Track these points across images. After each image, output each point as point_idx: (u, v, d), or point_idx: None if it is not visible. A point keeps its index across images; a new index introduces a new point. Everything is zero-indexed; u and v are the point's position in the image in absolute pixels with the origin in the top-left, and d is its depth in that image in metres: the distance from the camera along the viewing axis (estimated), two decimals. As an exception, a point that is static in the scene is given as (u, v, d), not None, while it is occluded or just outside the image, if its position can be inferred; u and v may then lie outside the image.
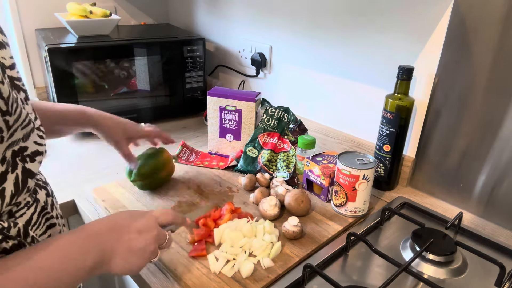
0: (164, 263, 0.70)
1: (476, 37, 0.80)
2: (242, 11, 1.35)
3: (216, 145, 1.10)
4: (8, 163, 0.44)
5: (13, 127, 0.43)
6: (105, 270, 0.50)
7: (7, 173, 0.44)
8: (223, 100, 1.04)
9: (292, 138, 1.01)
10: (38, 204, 0.53)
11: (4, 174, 0.44)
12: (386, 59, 0.99)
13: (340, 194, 0.83)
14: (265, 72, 1.35)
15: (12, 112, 0.42)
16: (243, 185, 0.93)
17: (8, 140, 0.43)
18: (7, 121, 0.42)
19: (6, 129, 0.42)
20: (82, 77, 1.15)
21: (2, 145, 0.42)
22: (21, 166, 0.47)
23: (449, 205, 0.93)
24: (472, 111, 0.84)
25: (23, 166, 0.47)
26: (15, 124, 0.43)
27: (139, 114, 1.28)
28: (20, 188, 0.47)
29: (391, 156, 0.93)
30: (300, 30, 1.18)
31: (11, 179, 0.45)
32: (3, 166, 0.43)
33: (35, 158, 0.49)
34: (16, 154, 0.46)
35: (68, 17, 1.25)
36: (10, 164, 0.45)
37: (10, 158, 0.45)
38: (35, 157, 0.49)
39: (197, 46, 1.31)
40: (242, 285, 0.65)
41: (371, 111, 1.07)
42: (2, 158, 0.43)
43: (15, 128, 0.44)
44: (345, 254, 0.75)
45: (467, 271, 0.71)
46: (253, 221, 0.79)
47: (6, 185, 0.44)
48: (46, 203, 0.55)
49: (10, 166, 0.45)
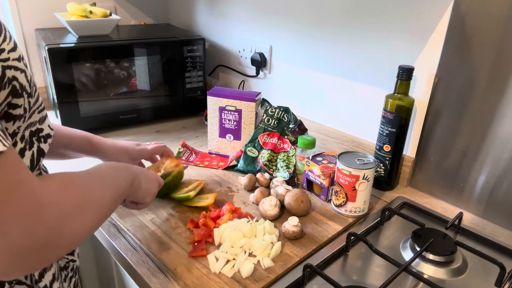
0: (164, 263, 0.70)
1: (476, 37, 0.80)
2: (242, 11, 1.35)
3: (216, 145, 1.10)
4: (26, 142, 0.49)
5: (32, 108, 0.48)
6: (136, 187, 0.65)
7: (25, 150, 0.49)
8: (223, 100, 1.04)
9: (292, 138, 1.01)
10: None
11: (23, 150, 0.49)
12: (386, 59, 0.99)
13: (340, 194, 0.83)
14: (265, 72, 1.35)
15: (33, 94, 0.48)
16: (243, 185, 0.93)
17: (27, 121, 0.48)
18: (29, 102, 0.47)
19: (28, 110, 0.47)
20: (82, 77, 1.15)
21: (24, 125, 0.47)
22: (37, 145, 0.52)
23: (449, 205, 0.93)
24: (472, 111, 0.84)
25: (38, 145, 0.52)
26: (33, 106, 0.49)
27: (139, 114, 1.29)
28: (34, 165, 0.51)
29: (391, 156, 0.93)
30: (300, 30, 1.18)
31: (28, 156, 0.50)
32: (22, 143, 0.48)
33: (47, 140, 0.55)
34: (33, 134, 0.51)
35: (68, 17, 1.24)
36: (28, 143, 0.50)
37: (28, 137, 0.49)
38: (47, 139, 0.54)
39: (197, 46, 1.31)
40: (242, 285, 0.65)
41: (371, 111, 1.07)
42: (22, 136, 0.48)
43: (33, 110, 0.49)
44: (345, 254, 0.75)
45: (467, 271, 0.71)
46: (253, 221, 0.79)
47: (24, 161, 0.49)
48: None
49: (28, 144, 0.50)
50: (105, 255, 0.96)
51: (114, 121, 1.25)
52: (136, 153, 0.87)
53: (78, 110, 1.17)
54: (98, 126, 1.22)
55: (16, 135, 0.47)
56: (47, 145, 0.54)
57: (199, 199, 0.86)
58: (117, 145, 0.85)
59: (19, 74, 0.44)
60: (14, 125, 0.45)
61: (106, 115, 1.23)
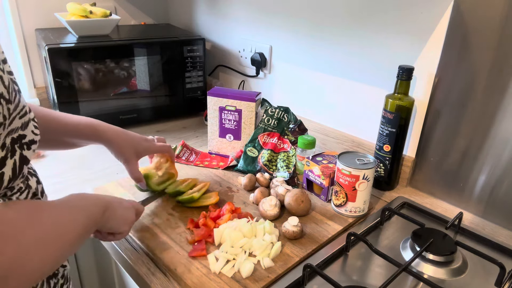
0: (164, 263, 0.70)
1: (476, 37, 0.80)
2: (242, 11, 1.35)
3: (216, 145, 1.10)
4: (7, 150, 0.47)
5: (12, 115, 0.46)
6: (107, 217, 0.62)
7: (6, 159, 0.47)
8: (223, 100, 1.04)
9: (292, 138, 1.01)
10: (30, 190, 0.54)
11: (4, 159, 0.46)
12: (386, 59, 0.99)
13: (340, 194, 0.83)
14: (265, 72, 1.35)
15: (12, 100, 0.46)
16: (243, 185, 0.93)
17: (8, 128, 0.46)
18: (8, 108, 0.45)
19: (8, 117, 0.45)
20: (82, 77, 1.15)
21: (4, 132, 0.45)
22: (19, 153, 0.49)
23: (449, 205, 0.93)
24: (472, 111, 0.84)
25: (21, 153, 0.50)
26: (14, 112, 0.46)
27: (139, 114, 1.29)
28: (17, 173, 0.49)
29: (391, 156, 0.93)
30: (300, 30, 1.18)
31: (10, 164, 0.47)
32: (3, 152, 0.46)
33: (31, 146, 0.52)
34: (15, 141, 0.48)
35: (68, 17, 1.25)
36: (9, 151, 0.47)
37: (9, 144, 0.47)
38: (31, 145, 0.52)
39: (197, 46, 1.31)
40: (242, 285, 0.65)
41: (371, 111, 1.07)
42: (2, 145, 0.46)
43: (13, 116, 0.46)
44: (345, 254, 0.75)
45: (467, 271, 0.71)
46: (253, 221, 0.79)
47: (5, 170, 0.47)
48: (37, 190, 0.57)
49: (9, 152, 0.47)
50: (105, 255, 0.96)
51: (114, 121, 1.23)
52: (142, 150, 0.84)
53: (78, 110, 1.17)
54: (98, 126, 1.22)
55: None
56: (32, 151, 0.52)
57: (203, 198, 0.87)
58: (123, 137, 0.81)
59: None
60: None
61: (106, 115, 1.23)
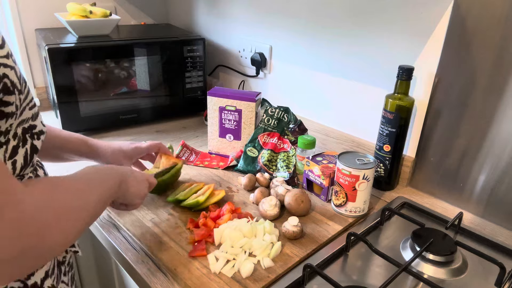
0: (164, 263, 0.70)
1: (476, 37, 0.80)
2: (242, 11, 1.35)
3: (216, 145, 1.10)
4: (19, 139, 0.50)
5: (23, 105, 0.49)
6: (124, 189, 0.64)
7: (18, 148, 0.50)
8: (223, 100, 1.04)
9: (292, 138, 1.01)
10: None
11: (16, 148, 0.49)
12: (386, 59, 0.99)
13: (340, 194, 0.83)
14: (265, 72, 1.35)
15: (23, 91, 0.48)
16: (243, 185, 0.93)
17: (19, 118, 0.48)
18: (20, 99, 0.47)
19: (19, 107, 0.48)
20: (82, 77, 1.15)
21: (16, 122, 0.48)
22: (30, 142, 0.52)
23: (449, 205, 0.93)
24: (472, 111, 0.84)
25: (32, 142, 0.52)
26: (23, 103, 0.49)
27: (139, 114, 1.29)
28: (28, 162, 0.52)
29: (391, 156, 0.93)
30: (300, 30, 1.18)
31: (21, 153, 0.50)
32: (15, 141, 0.49)
33: (40, 137, 0.55)
34: (26, 131, 0.51)
35: (68, 17, 1.24)
36: (21, 140, 0.50)
37: (20, 134, 0.50)
38: (40, 136, 0.55)
39: (197, 46, 1.31)
40: (242, 285, 0.65)
41: (371, 111, 1.07)
42: (14, 134, 0.48)
43: (24, 106, 0.49)
44: (345, 254, 0.75)
45: (467, 271, 0.71)
46: (253, 221, 0.79)
47: (17, 158, 0.50)
48: None
49: (21, 142, 0.50)
50: (105, 255, 0.96)
51: (114, 121, 1.25)
52: (130, 152, 0.87)
53: (78, 110, 1.17)
54: (98, 126, 1.22)
55: (9, 133, 0.47)
56: (40, 141, 0.54)
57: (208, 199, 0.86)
58: (111, 146, 0.85)
59: (9, 71, 0.44)
60: (6, 123, 0.46)
61: (106, 115, 1.23)
